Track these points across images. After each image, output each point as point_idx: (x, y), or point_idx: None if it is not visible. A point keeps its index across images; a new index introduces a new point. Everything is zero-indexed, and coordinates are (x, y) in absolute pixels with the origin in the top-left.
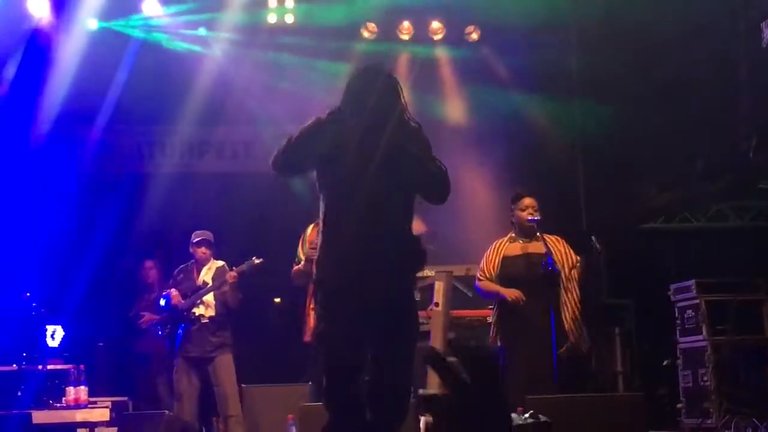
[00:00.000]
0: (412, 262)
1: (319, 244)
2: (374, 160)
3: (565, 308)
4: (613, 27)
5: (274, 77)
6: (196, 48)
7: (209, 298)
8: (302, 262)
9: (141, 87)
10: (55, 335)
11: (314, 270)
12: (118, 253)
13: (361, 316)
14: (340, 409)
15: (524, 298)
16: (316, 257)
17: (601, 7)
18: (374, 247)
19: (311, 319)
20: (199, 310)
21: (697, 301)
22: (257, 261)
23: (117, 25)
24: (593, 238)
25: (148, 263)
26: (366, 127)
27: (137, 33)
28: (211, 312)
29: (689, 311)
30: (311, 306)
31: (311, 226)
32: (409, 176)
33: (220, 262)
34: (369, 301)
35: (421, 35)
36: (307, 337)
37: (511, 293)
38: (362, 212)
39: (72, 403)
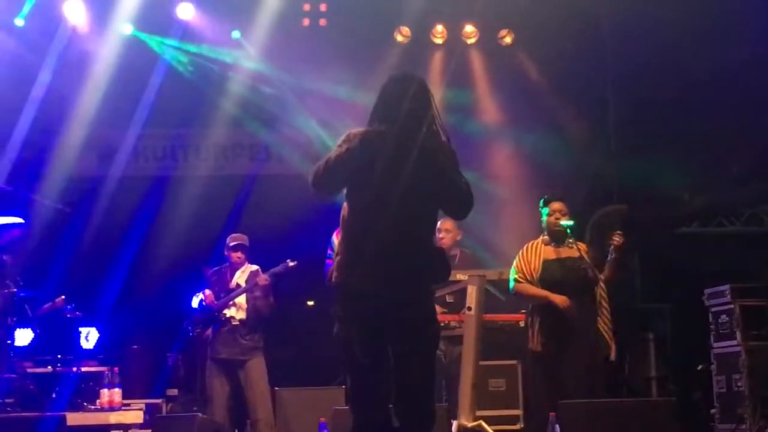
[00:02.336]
0: (434, 272)
1: (339, 247)
2: (404, 168)
3: (601, 315)
4: (646, 29)
5: (308, 81)
6: (227, 58)
7: (241, 300)
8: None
9: (174, 90)
10: (89, 337)
11: (333, 272)
12: (151, 256)
13: (379, 319)
14: (364, 411)
15: (574, 308)
16: (336, 260)
17: (634, 9)
18: (397, 254)
19: None
20: (230, 312)
21: (732, 305)
22: (291, 263)
23: (150, 40)
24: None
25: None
26: (397, 135)
27: (166, 53)
28: (242, 315)
29: (723, 316)
30: None
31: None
32: (437, 188)
33: (255, 267)
34: (388, 305)
35: (455, 39)
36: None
37: (563, 300)
38: (387, 219)
39: (106, 405)
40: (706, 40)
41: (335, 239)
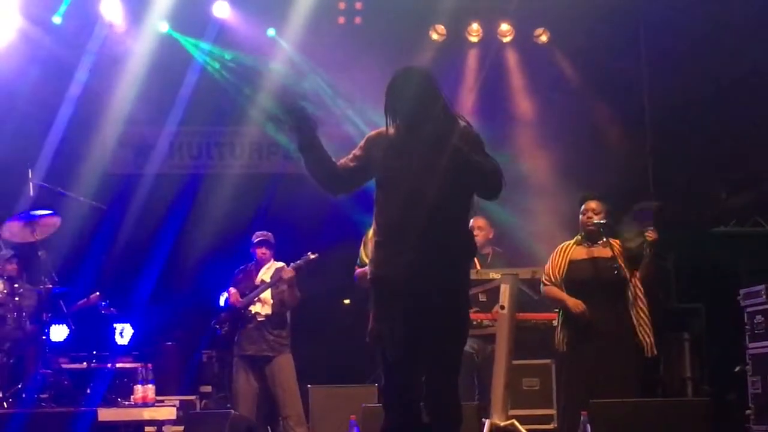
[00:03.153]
0: (461, 257)
1: (373, 243)
2: (419, 156)
3: (635, 314)
4: (683, 25)
5: (342, 79)
6: (260, 64)
7: (266, 296)
8: (365, 265)
9: (210, 88)
10: (123, 333)
11: (368, 270)
12: (186, 253)
13: (415, 314)
14: (396, 408)
15: (587, 313)
16: (371, 257)
17: (670, 5)
18: (424, 245)
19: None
20: (255, 308)
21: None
22: (312, 256)
23: (185, 42)
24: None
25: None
26: (408, 125)
27: (199, 56)
28: (267, 310)
29: (759, 316)
30: None
31: (372, 228)
32: (459, 173)
33: (280, 263)
34: (423, 300)
35: (490, 37)
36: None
37: (575, 305)
38: (408, 209)
39: (139, 402)
40: (743, 36)
41: (362, 248)
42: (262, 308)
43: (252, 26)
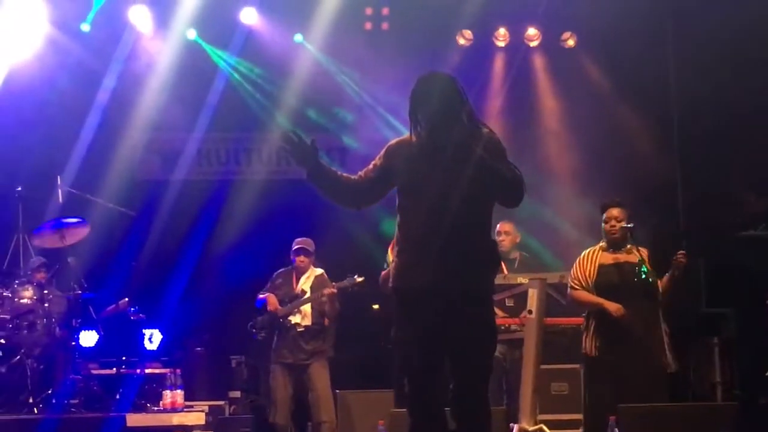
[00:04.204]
0: (485, 266)
1: (395, 251)
2: (443, 163)
3: (658, 320)
4: (711, 30)
5: (369, 84)
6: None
7: (306, 308)
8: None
9: (237, 94)
10: (153, 339)
11: (391, 277)
12: (214, 258)
13: (438, 321)
14: (420, 414)
15: (627, 315)
16: (393, 264)
17: (698, 10)
18: (448, 252)
19: None
20: (295, 319)
21: None
22: (359, 279)
23: (212, 53)
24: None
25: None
26: (431, 132)
27: (224, 67)
28: (307, 322)
29: None
30: None
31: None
32: (481, 180)
33: (320, 270)
34: (446, 306)
35: (517, 42)
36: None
37: (616, 308)
38: (431, 217)
39: (168, 407)
40: None
41: (390, 252)
42: (302, 320)
43: (279, 32)
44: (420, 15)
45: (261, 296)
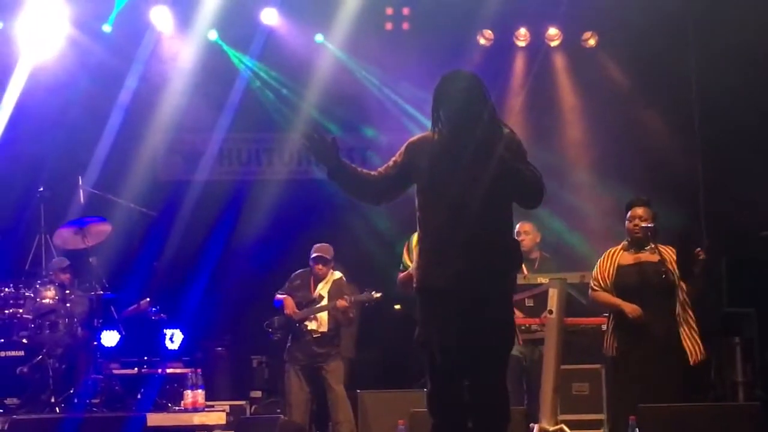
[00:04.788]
0: (508, 265)
1: (418, 250)
2: (465, 162)
3: (681, 320)
4: (732, 29)
5: (390, 84)
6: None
7: (323, 314)
8: (408, 270)
9: (258, 94)
10: (174, 338)
11: (414, 277)
12: (235, 259)
13: (460, 320)
14: (441, 413)
15: (644, 317)
16: (415, 264)
17: (720, 10)
18: (471, 252)
19: None
20: (311, 325)
21: None
22: (376, 296)
23: (232, 55)
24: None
25: None
26: (453, 130)
27: (245, 73)
28: (323, 328)
29: None
30: None
31: (416, 234)
32: (502, 180)
33: (338, 274)
34: (468, 305)
35: (538, 41)
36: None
37: (633, 310)
38: (454, 216)
39: (189, 407)
40: None
41: (405, 253)
42: (318, 326)
43: (299, 33)
44: (440, 15)
45: (279, 297)
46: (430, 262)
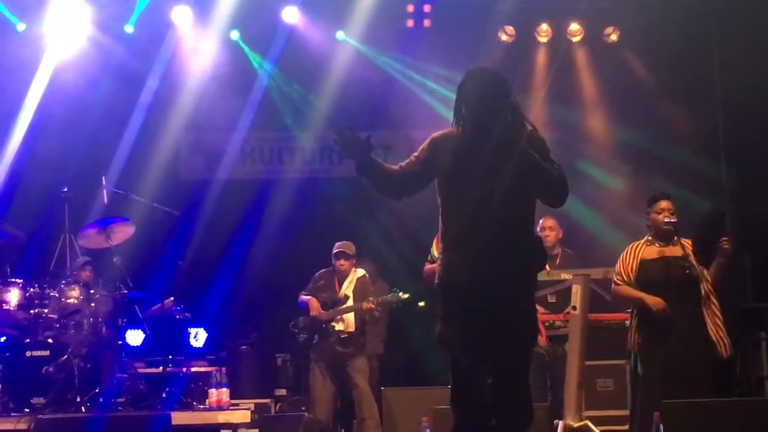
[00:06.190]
0: (532, 262)
1: (440, 247)
2: (487, 159)
3: (707, 314)
4: (755, 25)
5: (411, 81)
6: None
7: (349, 315)
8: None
9: (279, 92)
10: (198, 337)
11: (437, 272)
12: (258, 257)
13: (481, 317)
14: (463, 410)
15: (668, 310)
16: (438, 260)
17: (742, 4)
18: (493, 249)
19: None
20: (338, 326)
21: None
22: (404, 296)
23: (253, 58)
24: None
25: None
26: (476, 127)
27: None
28: (351, 329)
29: None
30: None
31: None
32: (526, 178)
33: (361, 272)
34: (490, 302)
35: (559, 37)
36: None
37: (656, 303)
38: (475, 212)
39: (214, 405)
40: None
41: (435, 246)
42: (345, 327)
43: (320, 31)
44: (462, 12)
45: (303, 298)
46: (452, 258)
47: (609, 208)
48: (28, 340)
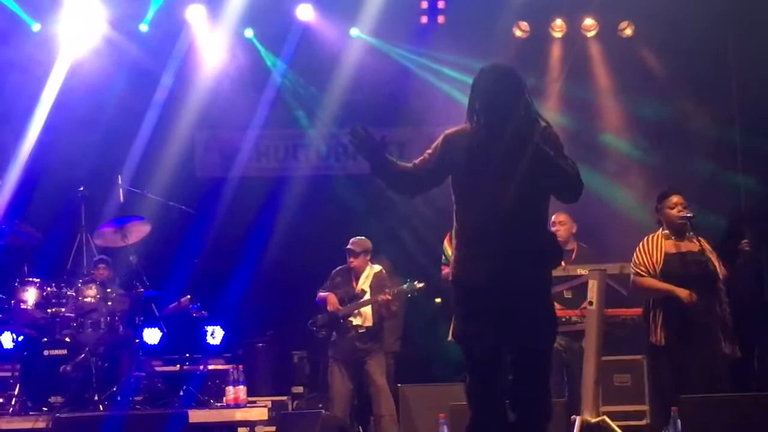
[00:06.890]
0: (547, 259)
1: (454, 244)
2: (500, 155)
3: (719, 310)
4: None
5: (425, 77)
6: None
7: (367, 309)
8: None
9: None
10: (215, 335)
11: (450, 271)
12: (274, 255)
13: (498, 314)
14: (480, 407)
15: (697, 301)
16: (453, 257)
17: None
18: (507, 246)
19: None
20: (356, 321)
21: None
22: (419, 285)
23: (266, 57)
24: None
25: None
26: (490, 123)
27: (274, 70)
28: (368, 323)
29: None
30: None
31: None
32: (540, 174)
33: (378, 267)
34: (506, 299)
35: (574, 32)
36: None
37: (687, 295)
38: (489, 209)
39: (231, 403)
40: None
41: (447, 245)
42: (363, 321)
43: (334, 28)
44: (476, 7)
45: (321, 295)
46: (467, 255)
47: (622, 204)
48: (45, 339)
